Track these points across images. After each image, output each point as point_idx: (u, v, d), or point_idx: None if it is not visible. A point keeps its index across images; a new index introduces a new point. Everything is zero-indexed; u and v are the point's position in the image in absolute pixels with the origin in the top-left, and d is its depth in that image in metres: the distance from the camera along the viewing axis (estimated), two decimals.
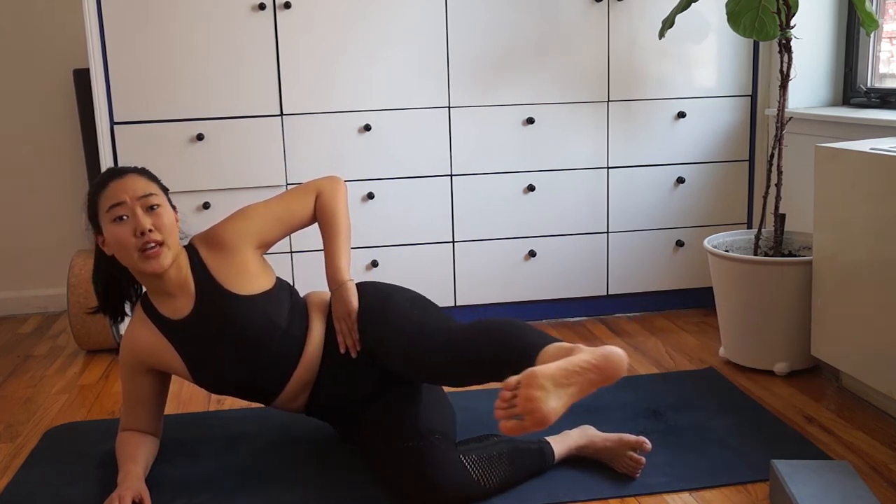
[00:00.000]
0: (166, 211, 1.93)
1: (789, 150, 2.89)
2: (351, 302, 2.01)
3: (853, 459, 2.04)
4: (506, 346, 1.74)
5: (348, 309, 2.00)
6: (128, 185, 1.90)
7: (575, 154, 3.09)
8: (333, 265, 2.04)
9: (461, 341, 1.82)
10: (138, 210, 1.88)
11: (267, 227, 2.04)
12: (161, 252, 1.89)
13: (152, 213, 1.90)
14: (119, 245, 1.89)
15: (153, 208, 1.90)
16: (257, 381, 2.01)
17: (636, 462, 1.96)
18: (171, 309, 1.99)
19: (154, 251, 1.88)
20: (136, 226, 1.87)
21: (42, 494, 1.98)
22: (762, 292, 2.52)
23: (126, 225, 1.88)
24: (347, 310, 2.00)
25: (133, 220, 1.88)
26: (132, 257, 1.89)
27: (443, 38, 2.94)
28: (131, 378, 2.05)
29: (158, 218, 1.90)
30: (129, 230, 1.87)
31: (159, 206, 1.91)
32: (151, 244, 1.88)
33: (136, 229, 1.87)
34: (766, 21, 2.51)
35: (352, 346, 2.01)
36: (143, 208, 1.89)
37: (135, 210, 1.88)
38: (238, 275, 1.99)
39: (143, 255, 1.88)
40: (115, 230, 1.88)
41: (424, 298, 2.08)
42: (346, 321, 2.01)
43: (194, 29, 2.81)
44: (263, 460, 2.11)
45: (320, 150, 2.94)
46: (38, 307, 3.59)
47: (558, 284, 3.17)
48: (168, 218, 1.92)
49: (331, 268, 2.04)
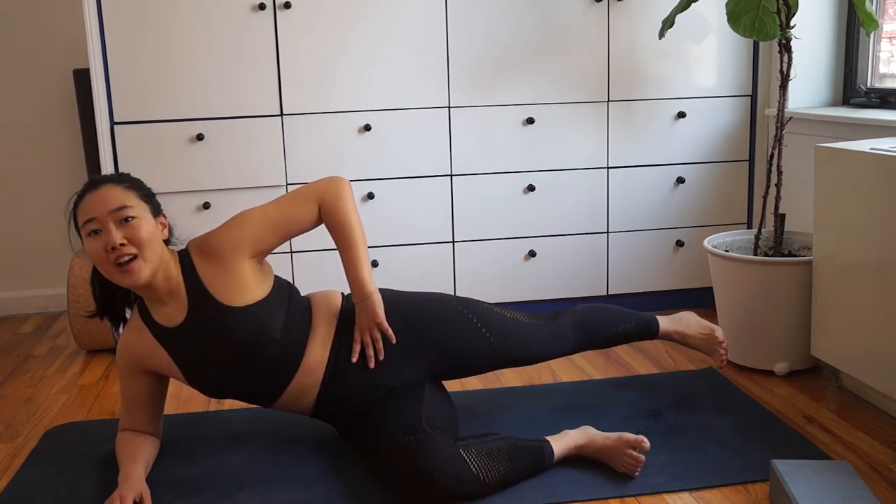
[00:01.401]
0: (143, 222, 1.87)
1: (789, 150, 2.89)
2: (378, 314, 1.99)
3: (853, 459, 2.04)
4: (628, 319, 2.31)
5: (376, 321, 1.99)
6: (103, 197, 1.86)
7: (575, 154, 3.09)
8: (356, 277, 2.00)
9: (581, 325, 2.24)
10: (110, 224, 1.84)
11: (263, 235, 1.97)
12: (136, 266, 1.85)
13: (126, 225, 1.85)
14: (95, 259, 1.87)
15: (127, 220, 1.85)
16: (252, 387, 2.01)
17: (635, 461, 1.96)
18: (165, 316, 1.97)
19: (128, 266, 1.84)
20: (107, 241, 1.84)
21: (42, 494, 1.98)
22: (762, 292, 2.52)
23: (99, 239, 1.85)
24: (374, 321, 1.99)
25: (105, 234, 1.84)
26: (108, 271, 1.87)
27: (443, 38, 2.94)
28: (129, 379, 2.05)
29: (132, 231, 1.85)
30: (102, 245, 1.84)
31: (134, 219, 1.86)
32: (124, 258, 1.84)
33: (106, 244, 1.84)
34: (766, 21, 2.51)
35: (370, 356, 2.00)
36: (116, 222, 1.85)
37: (106, 224, 1.84)
38: (232, 286, 1.94)
39: (119, 268, 1.85)
40: (90, 244, 1.86)
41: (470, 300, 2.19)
42: (371, 332, 2.00)
43: (194, 29, 2.81)
44: (263, 460, 2.11)
45: (320, 150, 2.94)
46: (38, 307, 3.59)
47: (558, 284, 3.17)
48: (145, 229, 1.87)
49: (354, 281, 2.00)
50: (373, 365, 2.01)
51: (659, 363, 2.74)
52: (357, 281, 2.00)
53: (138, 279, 1.86)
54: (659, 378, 2.58)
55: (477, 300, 2.18)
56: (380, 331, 2.00)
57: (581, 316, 2.29)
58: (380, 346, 2.01)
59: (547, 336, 2.19)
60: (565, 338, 2.22)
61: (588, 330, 2.27)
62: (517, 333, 2.14)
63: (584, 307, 2.33)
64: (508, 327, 2.14)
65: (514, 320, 2.16)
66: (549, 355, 2.22)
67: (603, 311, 2.33)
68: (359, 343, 2.01)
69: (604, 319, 2.31)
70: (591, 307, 2.34)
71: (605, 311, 2.34)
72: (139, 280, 1.86)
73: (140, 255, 1.86)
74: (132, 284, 1.87)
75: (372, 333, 2.00)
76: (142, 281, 1.87)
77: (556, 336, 2.21)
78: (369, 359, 2.01)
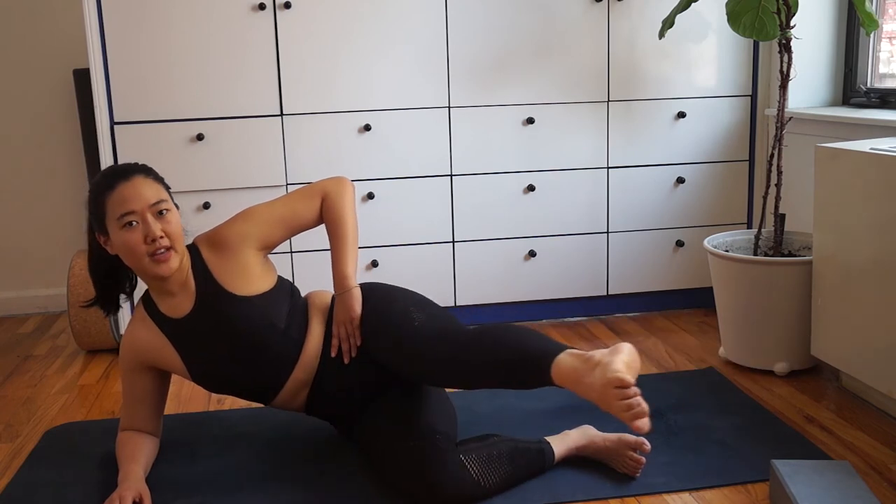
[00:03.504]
0: (174, 215, 1.94)
1: (789, 150, 2.89)
2: (353, 308, 2.00)
3: (853, 459, 2.04)
4: (520, 352, 1.79)
5: (350, 315, 2.00)
6: (138, 190, 1.90)
7: (575, 154, 3.09)
8: (340, 271, 2.03)
9: (472, 347, 1.84)
10: (149, 217, 1.89)
11: (270, 228, 2.04)
12: (170, 256, 1.91)
13: (161, 218, 1.91)
14: (128, 250, 1.90)
15: (162, 213, 1.91)
16: (255, 381, 2.02)
17: (636, 462, 1.96)
18: (172, 307, 2.00)
19: (163, 255, 1.90)
20: (147, 232, 1.88)
21: (42, 494, 1.98)
22: (762, 292, 2.52)
23: (136, 231, 1.89)
24: (350, 316, 2.00)
25: (144, 225, 1.89)
26: (141, 262, 1.91)
27: (443, 38, 2.94)
28: (131, 376, 2.06)
29: (168, 224, 1.91)
30: (140, 236, 1.89)
31: (168, 212, 1.92)
32: (161, 250, 1.89)
33: (146, 236, 1.88)
34: (766, 21, 2.51)
35: (346, 350, 2.01)
36: (154, 214, 1.90)
37: (145, 217, 1.89)
38: (239, 276, 1.99)
39: (153, 259, 1.90)
40: (126, 236, 1.89)
41: (428, 301, 2.08)
42: (346, 326, 2.01)
43: (194, 29, 2.81)
44: (263, 460, 2.11)
45: (320, 150, 2.94)
46: (38, 307, 3.59)
47: (558, 284, 3.17)
48: (176, 222, 1.94)
49: (337, 273, 2.03)
50: (347, 360, 2.01)
51: (659, 363, 2.74)
52: (339, 275, 2.02)
53: (170, 269, 1.92)
54: (659, 378, 2.58)
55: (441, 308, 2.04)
56: (352, 326, 2.01)
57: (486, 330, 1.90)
58: (353, 341, 2.01)
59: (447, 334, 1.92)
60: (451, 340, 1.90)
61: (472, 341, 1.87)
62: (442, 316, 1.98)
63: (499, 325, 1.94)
64: (439, 314, 1.99)
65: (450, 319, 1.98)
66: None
67: (509, 330, 1.88)
68: (336, 337, 2.02)
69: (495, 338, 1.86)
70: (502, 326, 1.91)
71: (511, 330, 1.88)
72: (170, 270, 1.92)
73: (173, 247, 1.92)
74: (163, 275, 1.92)
75: (346, 328, 2.01)
76: (172, 271, 1.92)
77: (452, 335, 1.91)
78: (344, 353, 2.01)
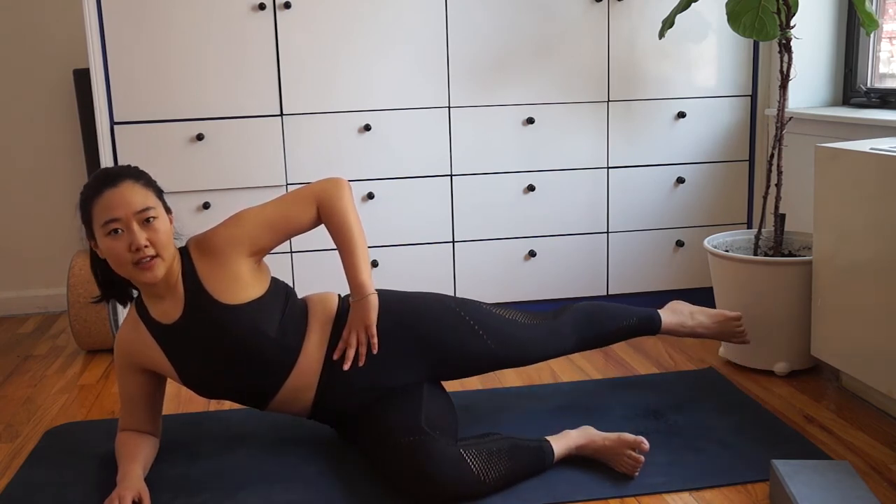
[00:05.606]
0: (161, 223, 1.89)
1: (789, 150, 2.89)
2: (370, 317, 1.99)
3: (853, 459, 2.04)
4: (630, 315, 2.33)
5: (366, 322, 1.99)
6: (124, 197, 1.85)
7: (575, 154, 3.09)
8: (355, 280, 2.00)
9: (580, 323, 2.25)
10: (134, 225, 1.85)
11: (261, 234, 1.98)
12: (154, 265, 1.87)
13: (148, 226, 1.86)
14: (113, 257, 1.87)
15: (149, 221, 1.87)
16: (246, 387, 2.01)
17: (635, 461, 1.96)
18: (162, 312, 1.97)
19: (148, 264, 1.86)
20: (131, 241, 1.84)
21: (42, 494, 1.98)
22: (762, 292, 2.52)
23: (121, 239, 1.85)
24: (366, 323, 1.99)
25: (128, 234, 1.85)
26: (126, 269, 1.88)
27: (443, 38, 2.94)
28: (126, 377, 2.05)
29: (154, 232, 1.87)
30: (124, 245, 1.85)
31: (155, 219, 1.88)
32: (146, 258, 1.85)
33: (131, 244, 1.85)
34: (766, 21, 2.51)
35: (350, 357, 1.99)
36: (139, 222, 1.86)
37: (130, 225, 1.85)
38: (228, 283, 1.95)
39: (137, 267, 1.86)
40: (110, 243, 1.86)
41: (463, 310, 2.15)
42: (359, 333, 2.00)
43: (194, 29, 2.81)
44: (263, 460, 2.11)
45: (320, 150, 2.94)
46: (38, 307, 3.59)
47: (558, 284, 3.17)
48: (163, 230, 1.89)
49: (353, 282, 2.00)
50: (347, 367, 1.99)
51: (659, 363, 2.74)
52: (356, 283, 2.00)
53: (155, 277, 1.88)
54: (659, 378, 2.58)
55: (474, 301, 2.18)
56: (367, 334, 2.00)
57: (582, 314, 2.29)
58: (364, 350, 2.00)
59: (545, 335, 2.19)
60: (565, 336, 2.22)
61: (588, 327, 2.27)
62: (514, 335, 2.14)
63: (585, 305, 2.34)
64: (505, 328, 2.13)
65: (511, 321, 2.16)
66: (548, 355, 2.22)
67: (604, 308, 2.34)
68: (345, 342, 2.01)
69: (605, 316, 2.31)
70: (592, 305, 2.34)
71: (605, 308, 2.34)
72: (155, 278, 1.88)
73: (159, 255, 1.88)
74: (147, 282, 1.89)
75: (359, 335, 2.00)
76: (157, 279, 1.89)
77: (555, 335, 2.21)
78: (347, 360, 1.99)
